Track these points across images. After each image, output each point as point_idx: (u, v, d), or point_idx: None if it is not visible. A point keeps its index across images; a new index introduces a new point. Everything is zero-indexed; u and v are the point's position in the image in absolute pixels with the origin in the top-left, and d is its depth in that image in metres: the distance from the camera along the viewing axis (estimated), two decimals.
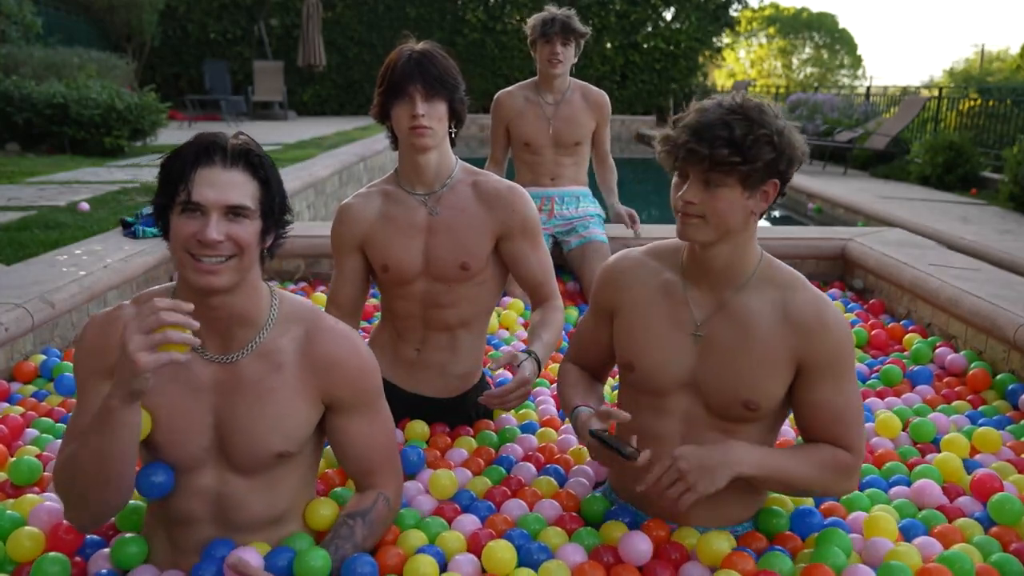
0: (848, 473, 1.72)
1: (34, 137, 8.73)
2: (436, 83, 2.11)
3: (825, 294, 1.74)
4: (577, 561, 1.72)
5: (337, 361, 1.62)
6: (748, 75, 42.97)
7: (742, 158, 1.56)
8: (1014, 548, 1.80)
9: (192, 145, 1.49)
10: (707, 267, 1.72)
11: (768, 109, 1.61)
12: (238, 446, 1.58)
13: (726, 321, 1.72)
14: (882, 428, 2.43)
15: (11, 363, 2.80)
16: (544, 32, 3.72)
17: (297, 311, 1.65)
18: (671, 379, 1.75)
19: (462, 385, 2.41)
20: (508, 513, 1.93)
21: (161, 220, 1.52)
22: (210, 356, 1.58)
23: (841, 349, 1.68)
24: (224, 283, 1.48)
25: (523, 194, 2.29)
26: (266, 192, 1.52)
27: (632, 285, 1.82)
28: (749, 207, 1.64)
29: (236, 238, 1.46)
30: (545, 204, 3.93)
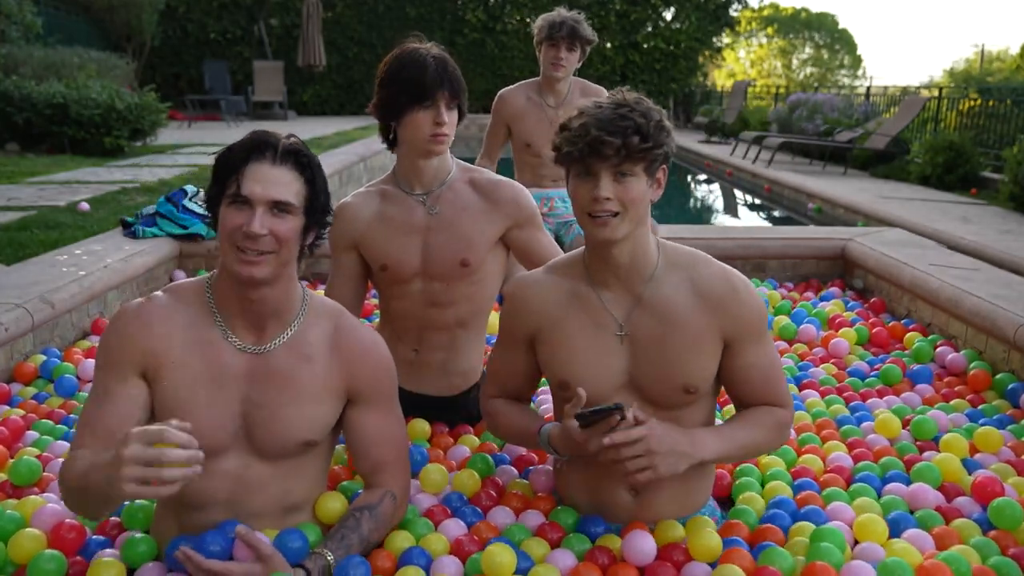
0: (786, 425, 1.79)
1: (34, 137, 8.72)
2: (459, 92, 2.15)
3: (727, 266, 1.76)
4: (568, 565, 1.71)
5: (363, 354, 1.70)
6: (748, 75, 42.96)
7: (652, 143, 1.61)
8: (1012, 552, 1.80)
9: (246, 141, 1.57)
10: (614, 266, 1.71)
11: (647, 100, 1.67)
12: (266, 433, 1.63)
13: (645, 315, 1.72)
14: (882, 428, 2.43)
15: (11, 363, 2.80)
16: (551, 35, 3.70)
17: (325, 307, 1.73)
18: (607, 384, 1.74)
19: (462, 384, 2.42)
20: (493, 519, 1.92)
21: (211, 209, 1.60)
22: (243, 346, 1.64)
23: (756, 312, 1.73)
24: (264, 275, 1.55)
25: (523, 187, 2.35)
26: (311, 191, 1.59)
27: (545, 306, 1.79)
28: (649, 196, 1.68)
29: (277, 233, 1.53)
30: (545, 203, 3.95)
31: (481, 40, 18.87)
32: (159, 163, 8.00)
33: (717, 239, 4.18)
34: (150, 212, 4.10)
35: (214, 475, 1.61)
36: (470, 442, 2.35)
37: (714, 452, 1.68)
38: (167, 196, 4.18)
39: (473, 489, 2.05)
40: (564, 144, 1.67)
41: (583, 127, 1.62)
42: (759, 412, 1.76)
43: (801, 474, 2.18)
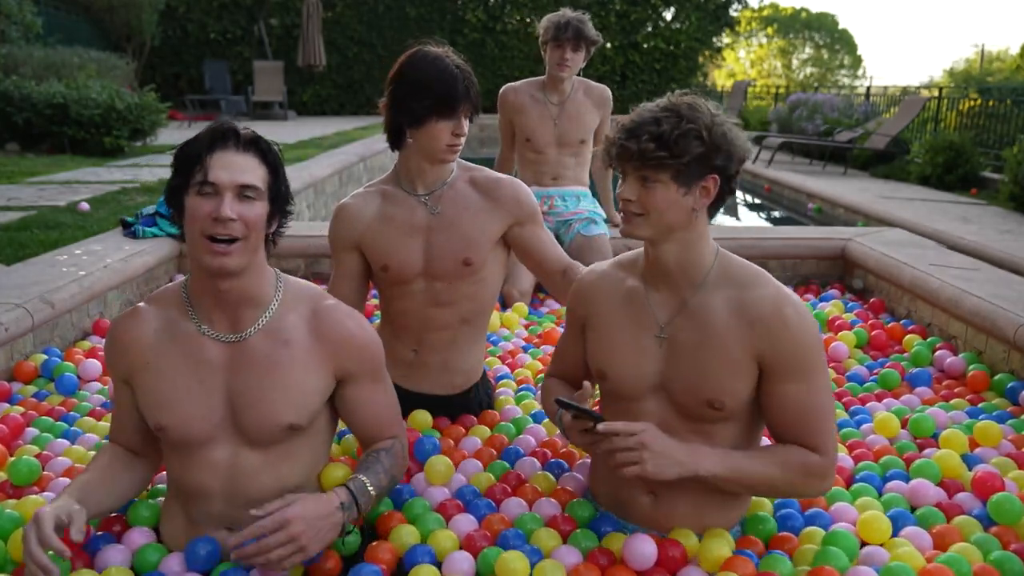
0: (817, 475, 1.68)
1: (34, 137, 8.72)
2: (479, 105, 2.16)
3: (790, 291, 1.72)
4: (572, 563, 1.72)
5: (347, 336, 1.73)
6: (748, 75, 42.95)
7: (669, 153, 1.59)
8: (1014, 548, 1.80)
9: (208, 131, 1.61)
10: (661, 268, 1.73)
11: (701, 106, 1.64)
12: (250, 420, 1.67)
13: (687, 321, 1.72)
14: (881, 427, 2.43)
15: (11, 363, 2.80)
16: (556, 36, 3.72)
17: (302, 291, 1.76)
18: (641, 383, 1.76)
19: (463, 383, 2.42)
20: (507, 512, 1.93)
21: (175, 202, 1.64)
22: (220, 336, 1.69)
23: (803, 347, 1.64)
24: (235, 264, 1.59)
25: (523, 184, 2.35)
26: (274, 178, 1.65)
27: (598, 297, 1.85)
28: (688, 204, 1.65)
29: (246, 219, 1.58)
30: (545, 201, 3.95)
31: (481, 40, 18.87)
32: (159, 163, 7.99)
33: (717, 239, 4.15)
34: (150, 212, 4.10)
35: (206, 466, 1.69)
36: (481, 433, 2.36)
37: (712, 470, 1.64)
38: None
39: (488, 484, 2.07)
40: (604, 143, 1.71)
41: (620, 128, 1.66)
42: (786, 450, 1.69)
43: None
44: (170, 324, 1.70)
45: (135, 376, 1.71)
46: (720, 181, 1.66)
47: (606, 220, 4.13)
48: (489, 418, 2.47)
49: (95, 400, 2.65)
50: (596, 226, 3.98)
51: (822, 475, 1.68)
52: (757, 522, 1.87)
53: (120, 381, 1.75)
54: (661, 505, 1.78)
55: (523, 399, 2.65)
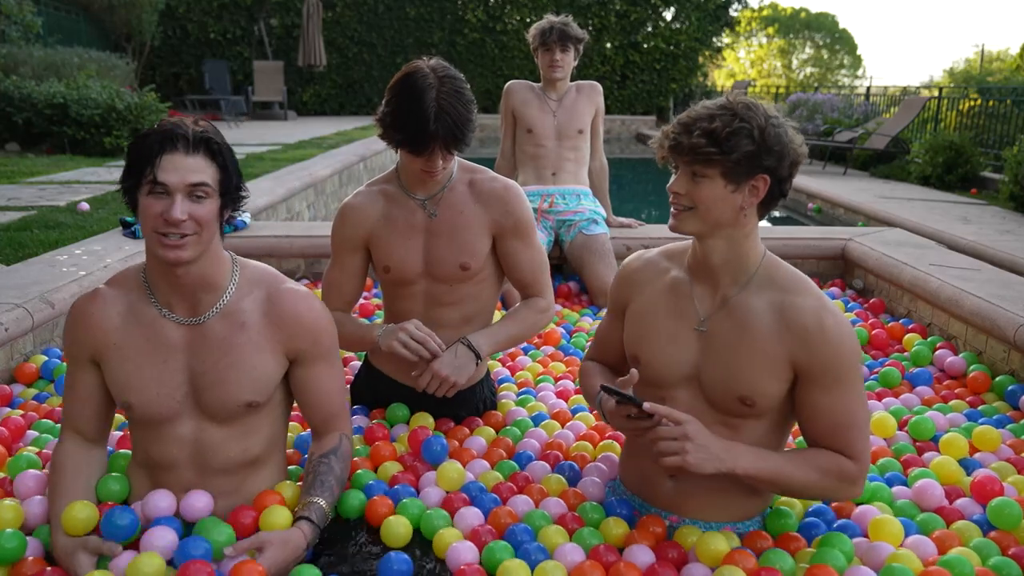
0: (851, 480, 1.71)
1: (34, 137, 8.73)
2: (457, 142, 2.08)
3: (831, 302, 1.74)
4: (576, 561, 1.72)
5: (297, 317, 1.80)
6: (748, 75, 42.97)
7: (719, 149, 1.62)
8: (1013, 552, 1.80)
9: (157, 132, 1.65)
10: (707, 263, 1.76)
11: (757, 106, 1.66)
12: (211, 398, 1.76)
13: (727, 318, 1.75)
14: (877, 428, 2.43)
15: (11, 363, 2.80)
16: (544, 41, 3.96)
17: (258, 275, 1.83)
18: (674, 371, 1.79)
19: (468, 381, 2.42)
20: (513, 508, 1.94)
21: (129, 199, 1.71)
22: (179, 319, 1.77)
23: (841, 357, 1.66)
24: (189, 256, 1.66)
25: (518, 193, 2.31)
26: (224, 175, 1.70)
27: (643, 283, 1.89)
28: (736, 201, 1.67)
29: (197, 217, 1.64)
30: (545, 199, 3.99)
31: (481, 40, 18.87)
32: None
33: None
34: None
35: (173, 440, 1.79)
36: (486, 434, 2.37)
37: (747, 469, 1.67)
38: None
39: (494, 482, 2.08)
40: (661, 135, 1.73)
41: (676, 122, 1.70)
42: (820, 454, 1.71)
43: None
44: (132, 307, 1.77)
45: (102, 356, 1.77)
46: (771, 182, 1.67)
47: (605, 220, 4.15)
48: (493, 419, 2.47)
49: None
50: (597, 226, 4.01)
51: (854, 480, 1.71)
52: (778, 516, 1.88)
53: (85, 362, 1.80)
54: (682, 491, 1.83)
55: (526, 402, 2.65)
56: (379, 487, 2.05)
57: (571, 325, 3.58)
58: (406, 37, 18.70)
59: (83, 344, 1.78)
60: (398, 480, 2.08)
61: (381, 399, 2.48)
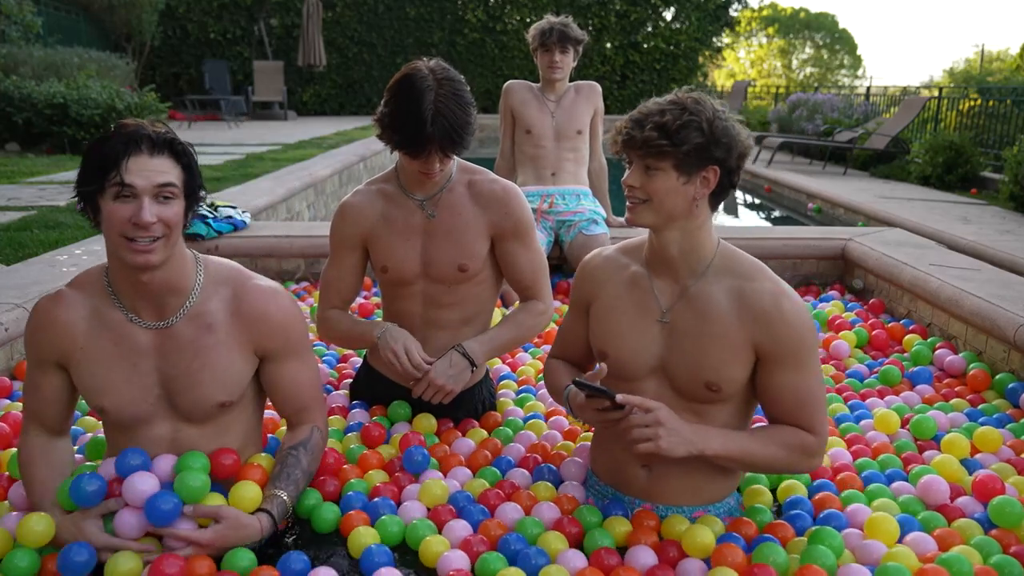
0: (811, 452, 1.79)
1: (34, 137, 8.73)
2: (454, 146, 2.07)
3: (787, 285, 1.80)
4: (578, 566, 1.72)
5: (264, 315, 1.79)
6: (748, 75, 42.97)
7: (670, 141, 1.68)
8: (1014, 551, 1.80)
9: (119, 135, 1.63)
10: (664, 255, 1.82)
11: (704, 101, 1.73)
12: (183, 400, 1.77)
13: (688, 308, 1.81)
14: (880, 424, 2.44)
15: (11, 362, 2.80)
16: (543, 42, 3.97)
17: (222, 274, 1.82)
18: (641, 364, 1.85)
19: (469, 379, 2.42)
20: (503, 518, 1.91)
21: (88, 204, 1.67)
22: (147, 324, 1.76)
23: (798, 339, 1.73)
24: (157, 260, 1.65)
25: (517, 195, 2.30)
26: (189, 175, 1.69)
27: (603, 280, 1.94)
28: (689, 193, 1.73)
29: (165, 219, 1.63)
30: (545, 200, 4.00)
31: (481, 40, 18.87)
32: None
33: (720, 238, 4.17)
34: None
35: (149, 442, 1.79)
36: (477, 436, 2.36)
37: (716, 450, 1.73)
38: None
39: (480, 490, 2.05)
40: (613, 131, 1.79)
41: (628, 118, 1.76)
42: (783, 431, 1.78)
43: (819, 474, 2.16)
44: (97, 311, 1.75)
45: (69, 360, 1.76)
46: (720, 173, 1.74)
47: (605, 220, 4.16)
48: (491, 420, 2.47)
49: None
50: (597, 226, 4.02)
51: (816, 453, 1.80)
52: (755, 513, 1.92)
53: (50, 364, 1.77)
54: (655, 478, 1.89)
55: (526, 400, 2.66)
56: (358, 499, 1.98)
57: None
58: (406, 37, 18.69)
59: (48, 347, 1.76)
60: (379, 492, 2.02)
61: (380, 399, 2.48)
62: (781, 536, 1.82)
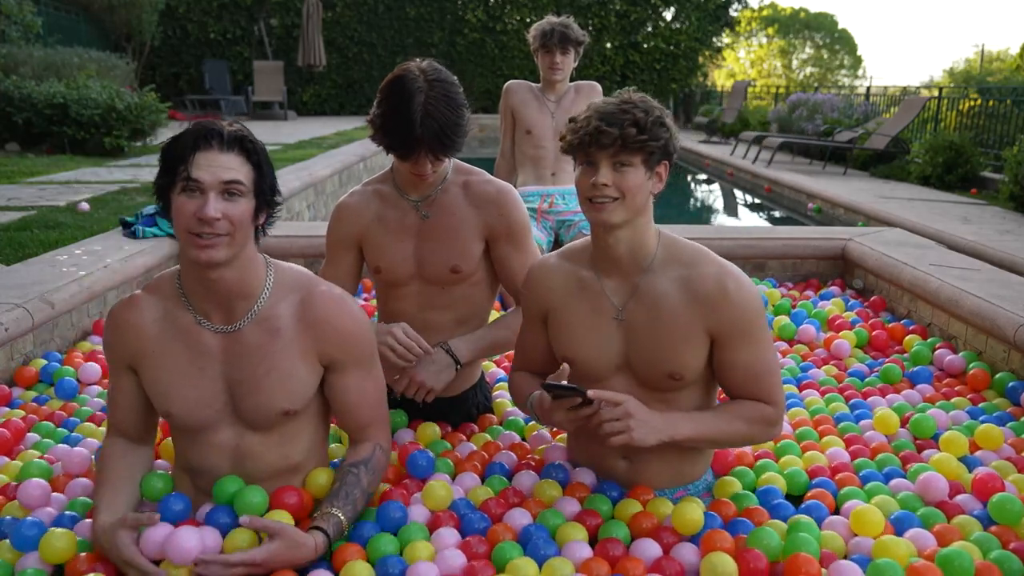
0: (771, 422, 1.86)
1: (34, 137, 8.73)
2: (445, 149, 2.06)
3: (731, 264, 1.83)
4: (583, 557, 1.73)
5: (330, 323, 1.76)
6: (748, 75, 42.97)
7: (648, 136, 1.72)
8: (1013, 547, 1.80)
9: (191, 131, 1.64)
10: (611, 255, 1.84)
11: (651, 100, 1.79)
12: (248, 406, 1.74)
13: (640, 303, 1.84)
14: (880, 425, 2.44)
15: (12, 363, 2.80)
16: (544, 43, 3.95)
17: (293, 279, 1.79)
18: (604, 363, 1.89)
19: (462, 384, 2.42)
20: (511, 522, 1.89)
21: (162, 200, 1.67)
22: (215, 327, 1.74)
23: (746, 315, 1.78)
24: (222, 256, 1.62)
25: (513, 197, 2.28)
26: (259, 175, 1.67)
27: (553, 287, 1.95)
28: (648, 188, 1.78)
29: (231, 216, 1.61)
30: (545, 199, 4.00)
31: (481, 40, 18.86)
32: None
33: (717, 239, 4.18)
34: (150, 212, 4.10)
35: (213, 448, 1.78)
36: (478, 440, 2.36)
37: (687, 434, 1.80)
38: None
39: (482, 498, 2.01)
40: (569, 134, 1.79)
41: (587, 119, 1.76)
42: (742, 405, 1.85)
43: (816, 473, 2.17)
44: (168, 314, 1.75)
45: (139, 363, 1.76)
46: (668, 167, 1.82)
47: None
48: (488, 423, 2.46)
49: (95, 404, 2.64)
50: None
51: (775, 422, 1.87)
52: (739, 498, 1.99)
53: (123, 368, 1.79)
54: (636, 467, 1.96)
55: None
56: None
57: None
58: (406, 37, 18.69)
59: (120, 352, 1.77)
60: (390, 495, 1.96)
61: None
62: (757, 520, 1.88)
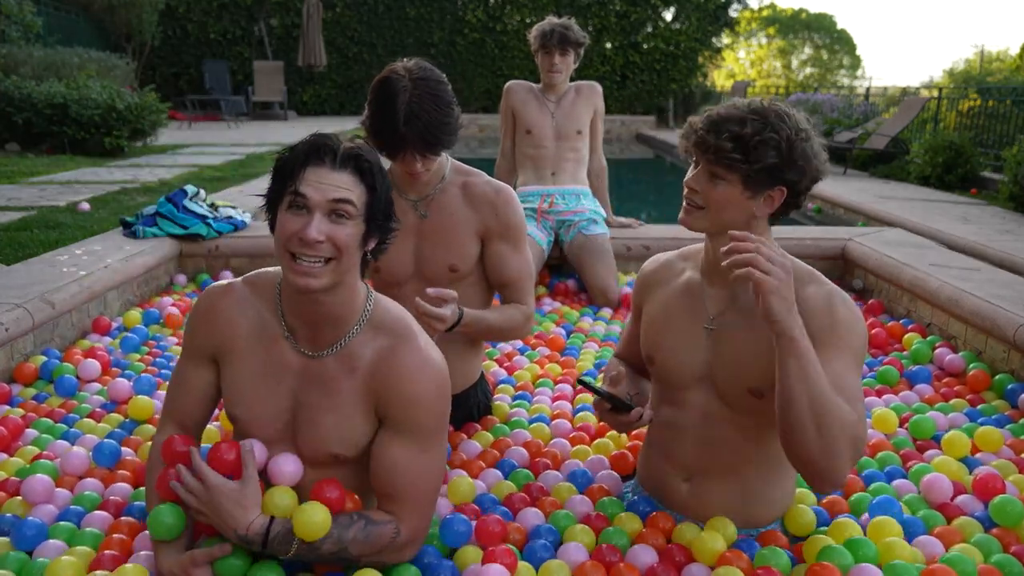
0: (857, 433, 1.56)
1: (34, 137, 8.73)
2: (431, 145, 2.05)
3: (839, 289, 1.71)
4: (579, 560, 1.72)
5: (402, 378, 1.58)
6: (748, 75, 42.96)
7: (743, 156, 1.59)
8: (1015, 550, 1.80)
9: (305, 144, 1.54)
10: (716, 261, 1.73)
11: (789, 117, 1.63)
12: (304, 436, 1.64)
13: (736, 314, 1.74)
14: (879, 423, 2.44)
15: (12, 363, 2.80)
16: (544, 44, 3.96)
17: (390, 321, 1.64)
18: (687, 372, 1.80)
19: (461, 382, 2.42)
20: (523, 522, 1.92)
21: (270, 213, 1.58)
22: (299, 348, 1.64)
23: (850, 340, 1.61)
24: (320, 285, 1.51)
25: (510, 198, 2.29)
26: (372, 197, 1.55)
27: (657, 284, 1.91)
28: (751, 208, 1.66)
29: (335, 240, 1.50)
30: (545, 199, 4.00)
31: (481, 40, 18.85)
32: (159, 163, 8.00)
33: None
34: (150, 212, 4.10)
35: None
36: (483, 439, 2.36)
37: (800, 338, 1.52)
38: (167, 196, 4.18)
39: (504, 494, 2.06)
40: (687, 126, 1.69)
41: (705, 116, 1.66)
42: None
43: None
44: (261, 317, 1.66)
45: (224, 357, 1.68)
46: (787, 194, 1.66)
47: (605, 220, 4.16)
48: (488, 424, 2.47)
49: (94, 401, 2.65)
50: (596, 226, 4.02)
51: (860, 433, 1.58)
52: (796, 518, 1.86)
53: (204, 358, 1.69)
54: (696, 493, 1.83)
55: (520, 405, 2.65)
56: None
57: (571, 325, 3.58)
58: (406, 37, 18.69)
59: (207, 339, 1.67)
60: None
61: None
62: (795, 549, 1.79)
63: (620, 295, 3.85)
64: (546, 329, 3.45)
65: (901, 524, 1.85)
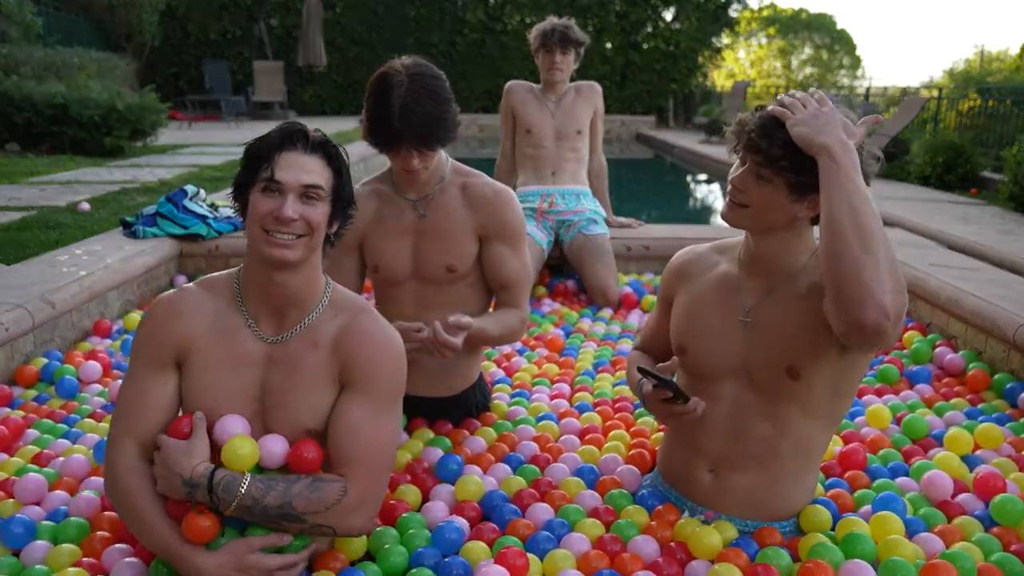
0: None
1: (34, 137, 8.73)
2: (426, 139, 2.06)
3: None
4: (583, 550, 1.74)
5: (364, 343, 1.68)
6: (748, 75, 42.95)
7: (791, 164, 1.60)
8: (1015, 549, 1.80)
9: (278, 131, 1.64)
10: (757, 256, 1.78)
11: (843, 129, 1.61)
12: (274, 419, 1.69)
13: (773, 304, 1.76)
14: (872, 419, 2.46)
15: (12, 363, 2.80)
16: (544, 43, 3.97)
17: (348, 301, 1.75)
18: (720, 364, 1.81)
19: (461, 384, 2.42)
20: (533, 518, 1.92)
21: (239, 198, 1.67)
22: (263, 336, 1.70)
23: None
24: (295, 257, 1.62)
25: (509, 199, 2.29)
26: (339, 181, 1.68)
27: (692, 275, 1.92)
28: (794, 211, 1.67)
29: (308, 218, 1.61)
30: (545, 199, 4.00)
31: (481, 40, 18.84)
32: (159, 163, 8.00)
33: (717, 239, 4.18)
34: (150, 212, 4.10)
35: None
36: (487, 435, 2.37)
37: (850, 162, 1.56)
38: (167, 196, 4.18)
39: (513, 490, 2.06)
40: (736, 122, 1.70)
41: (758, 117, 1.66)
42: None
43: (828, 470, 2.17)
44: (219, 313, 1.71)
45: (185, 357, 1.69)
46: None
47: (605, 220, 4.16)
48: (489, 420, 2.47)
49: (95, 403, 2.65)
50: (596, 226, 4.02)
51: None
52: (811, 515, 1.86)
53: (164, 365, 1.67)
54: (720, 485, 1.83)
55: (519, 403, 2.64)
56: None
57: (570, 326, 3.58)
58: (406, 37, 18.68)
59: (168, 342, 1.67)
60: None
61: None
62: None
63: (620, 295, 3.85)
64: (545, 331, 3.45)
65: (903, 522, 1.85)
